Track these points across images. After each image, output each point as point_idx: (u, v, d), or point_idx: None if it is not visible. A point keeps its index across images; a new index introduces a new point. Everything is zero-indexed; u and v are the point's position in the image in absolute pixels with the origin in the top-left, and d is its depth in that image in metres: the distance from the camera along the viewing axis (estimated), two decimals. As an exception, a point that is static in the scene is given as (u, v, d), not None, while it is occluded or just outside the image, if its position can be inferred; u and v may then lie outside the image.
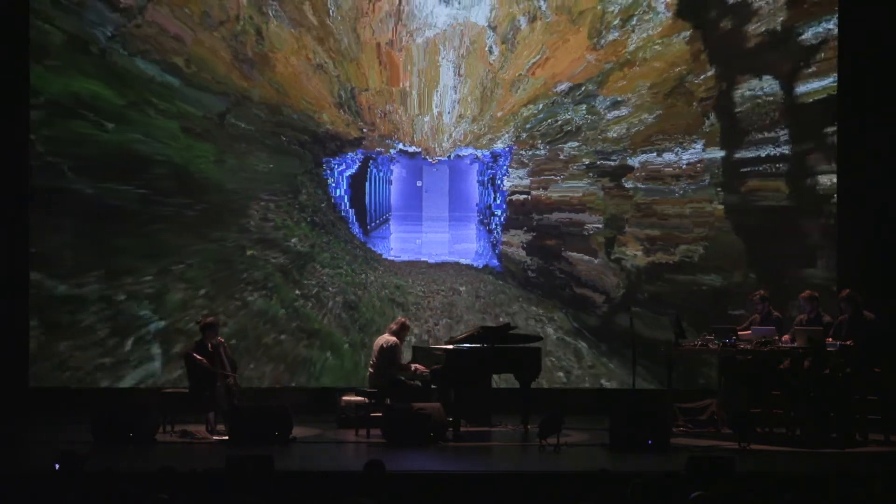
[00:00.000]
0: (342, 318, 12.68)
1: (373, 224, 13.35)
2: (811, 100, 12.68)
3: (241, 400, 11.29)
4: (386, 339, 11.61)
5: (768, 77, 12.48)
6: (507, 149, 13.12)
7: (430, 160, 13.29)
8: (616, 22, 12.68)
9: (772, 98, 12.57)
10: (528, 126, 13.01)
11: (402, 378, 11.52)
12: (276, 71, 12.68)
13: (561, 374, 12.77)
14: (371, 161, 13.27)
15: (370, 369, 11.73)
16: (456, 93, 13.14)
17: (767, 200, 12.70)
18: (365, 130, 13.09)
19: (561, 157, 12.99)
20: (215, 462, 8.28)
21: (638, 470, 8.72)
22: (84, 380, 11.99)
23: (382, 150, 13.17)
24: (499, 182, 13.28)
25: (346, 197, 13.18)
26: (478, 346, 11.60)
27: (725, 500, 6.73)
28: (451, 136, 13.12)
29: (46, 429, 11.44)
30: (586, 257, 13.08)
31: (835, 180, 12.74)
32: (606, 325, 12.90)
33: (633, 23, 12.65)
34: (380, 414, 11.06)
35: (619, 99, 12.70)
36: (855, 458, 10.32)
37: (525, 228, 13.25)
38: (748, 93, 12.54)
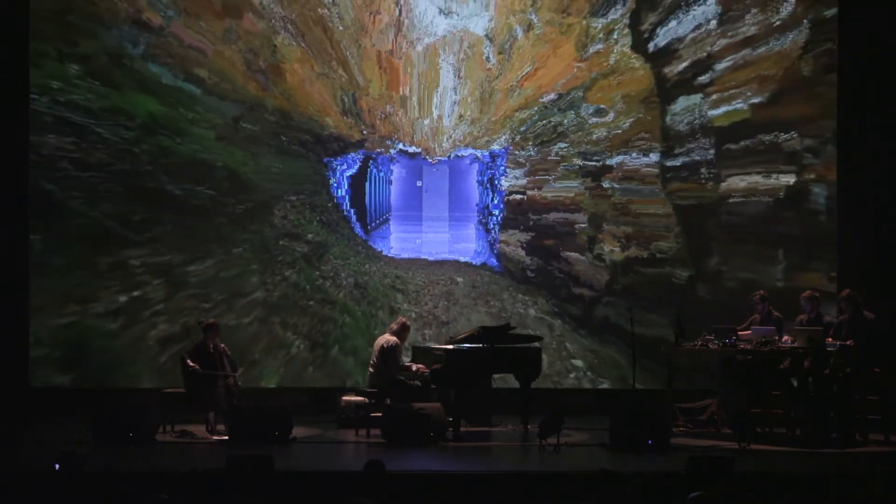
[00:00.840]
0: (354, 294, 13.17)
1: (373, 224, 13.39)
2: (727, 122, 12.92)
3: (241, 400, 11.30)
4: (386, 339, 11.61)
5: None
6: (504, 149, 13.24)
7: (429, 160, 13.34)
8: (600, 35, 12.97)
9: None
10: (522, 129, 13.18)
11: (402, 378, 11.52)
12: (287, 80, 13.02)
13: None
14: (371, 161, 13.32)
15: (370, 369, 11.74)
16: (456, 93, 13.23)
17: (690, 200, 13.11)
18: (366, 132, 13.20)
19: (551, 157, 13.19)
20: (215, 462, 8.28)
21: (638, 470, 8.72)
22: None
23: (383, 150, 13.26)
24: (497, 182, 13.37)
25: (346, 197, 13.27)
26: (478, 346, 11.60)
27: (725, 500, 6.73)
28: (450, 136, 13.24)
29: (46, 429, 11.44)
30: (581, 256, 13.26)
31: (791, 181, 12.89)
32: (588, 314, 13.19)
33: (615, 37, 12.97)
34: (380, 414, 11.06)
35: (601, 107, 13.02)
36: (855, 458, 10.32)
37: (521, 228, 13.35)
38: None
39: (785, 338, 11.12)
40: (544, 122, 13.11)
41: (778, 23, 12.81)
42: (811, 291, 11.66)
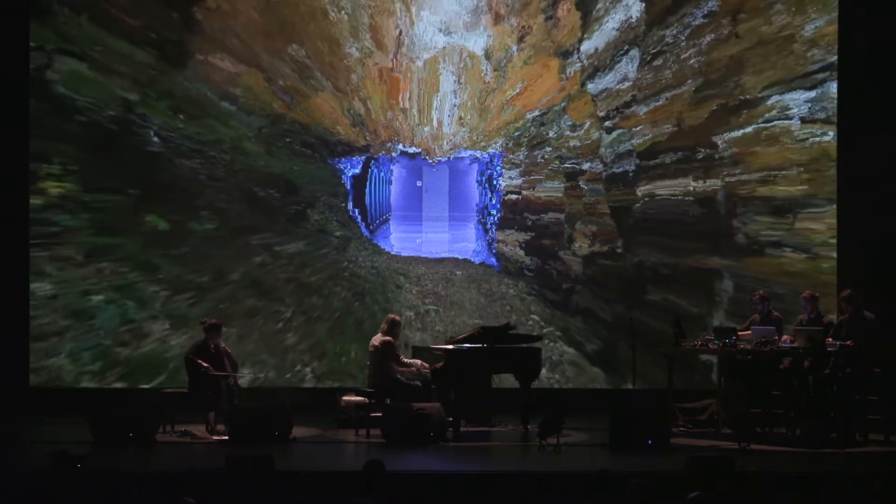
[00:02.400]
0: (372, 272, 13.40)
1: (374, 224, 13.43)
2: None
3: (241, 400, 11.30)
4: (379, 338, 11.58)
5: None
6: (499, 153, 13.41)
7: (430, 161, 13.39)
8: (567, 67, 13.29)
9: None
10: (515, 134, 13.40)
11: (402, 378, 11.51)
12: (306, 98, 13.28)
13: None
14: (372, 161, 13.39)
15: (367, 370, 11.74)
16: (456, 97, 13.36)
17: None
18: (369, 138, 13.36)
19: (538, 161, 13.41)
20: (215, 462, 8.28)
21: (638, 470, 8.73)
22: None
23: (384, 152, 13.39)
24: (495, 182, 13.46)
25: (350, 197, 13.41)
26: (478, 346, 11.60)
27: (725, 500, 6.74)
28: (450, 141, 13.39)
29: (46, 429, 11.45)
30: (571, 256, 13.46)
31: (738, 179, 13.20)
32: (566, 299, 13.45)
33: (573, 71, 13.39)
34: (380, 414, 11.06)
35: (575, 123, 13.33)
36: (855, 458, 10.32)
37: (516, 227, 13.47)
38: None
39: (785, 337, 11.12)
40: (533, 129, 13.34)
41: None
42: (811, 291, 11.67)
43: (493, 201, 13.49)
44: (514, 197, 13.45)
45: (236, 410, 10.98)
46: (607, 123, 13.22)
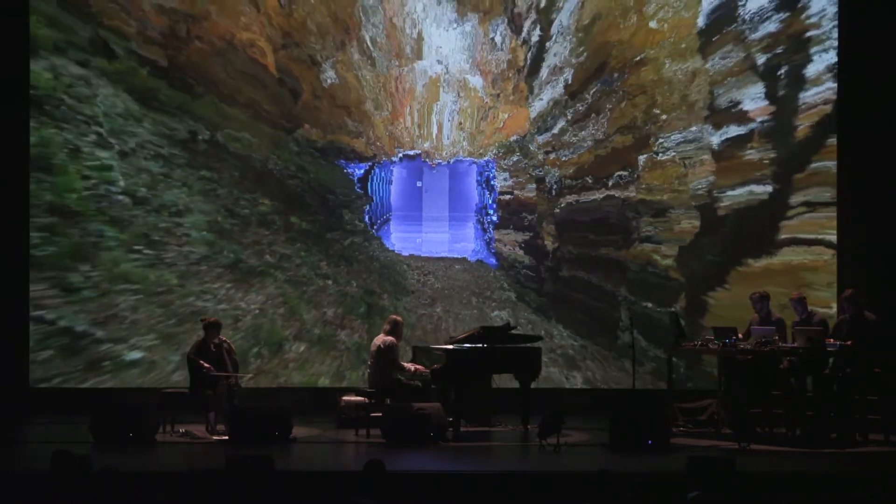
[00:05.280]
0: (384, 261, 13.50)
1: (376, 224, 13.50)
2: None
3: (241, 400, 11.31)
4: (382, 339, 11.59)
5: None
6: (493, 159, 13.66)
7: (430, 163, 13.48)
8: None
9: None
10: (506, 143, 13.70)
11: (402, 378, 11.52)
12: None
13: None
14: (375, 163, 13.56)
15: (368, 370, 11.75)
16: (455, 104, 13.55)
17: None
18: (374, 149, 13.51)
19: (522, 165, 13.68)
20: (215, 462, 8.28)
21: (638, 470, 8.73)
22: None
23: (386, 156, 13.53)
24: (492, 182, 13.63)
25: (367, 197, 13.63)
26: (478, 346, 11.61)
27: (725, 500, 6.73)
28: (449, 150, 13.59)
29: (46, 429, 11.45)
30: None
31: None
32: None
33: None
34: (380, 414, 11.06)
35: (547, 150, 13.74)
36: (855, 458, 10.33)
37: (512, 227, 13.64)
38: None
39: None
40: (515, 146, 13.66)
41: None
42: (799, 293, 11.72)
43: (491, 201, 13.61)
44: (507, 197, 13.62)
45: (236, 410, 10.99)
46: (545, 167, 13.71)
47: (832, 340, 10.97)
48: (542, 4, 13.51)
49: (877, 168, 13.07)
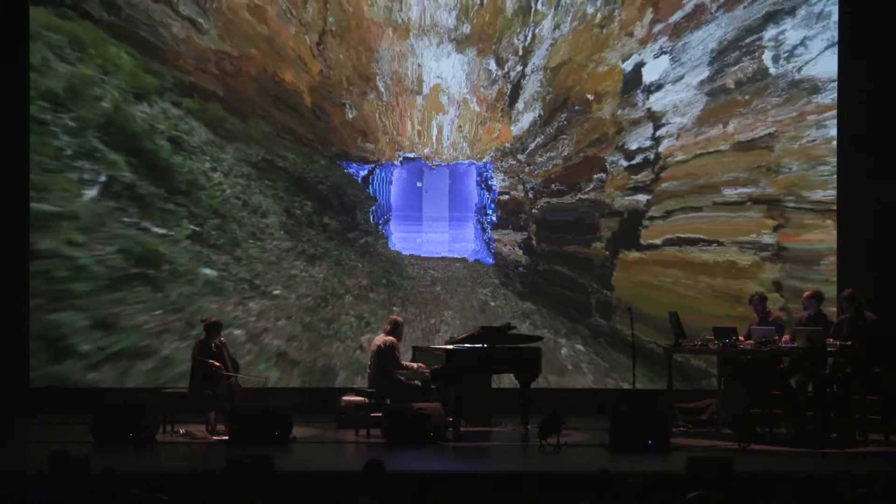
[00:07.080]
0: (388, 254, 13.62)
1: (378, 223, 13.54)
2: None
3: (241, 400, 11.30)
4: (383, 339, 11.60)
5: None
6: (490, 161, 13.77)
7: (430, 164, 13.52)
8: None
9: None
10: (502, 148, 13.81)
11: (402, 378, 11.52)
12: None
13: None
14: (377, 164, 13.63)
15: (368, 369, 11.75)
16: (456, 111, 13.66)
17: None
18: (376, 154, 13.63)
19: (513, 169, 13.80)
20: (215, 462, 8.28)
21: (638, 470, 8.73)
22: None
23: (388, 160, 13.62)
24: (490, 183, 13.70)
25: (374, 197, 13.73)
26: (478, 346, 11.61)
27: (725, 500, 6.74)
28: (449, 154, 13.69)
29: (46, 429, 11.45)
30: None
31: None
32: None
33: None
34: (380, 414, 11.06)
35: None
36: (855, 458, 10.33)
37: (511, 227, 13.70)
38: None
39: (785, 337, 11.12)
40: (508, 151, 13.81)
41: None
42: (813, 289, 11.71)
43: (490, 201, 13.66)
44: (504, 197, 13.70)
45: (236, 410, 10.99)
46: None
47: (832, 340, 10.97)
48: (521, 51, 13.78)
49: (877, 168, 13.09)
